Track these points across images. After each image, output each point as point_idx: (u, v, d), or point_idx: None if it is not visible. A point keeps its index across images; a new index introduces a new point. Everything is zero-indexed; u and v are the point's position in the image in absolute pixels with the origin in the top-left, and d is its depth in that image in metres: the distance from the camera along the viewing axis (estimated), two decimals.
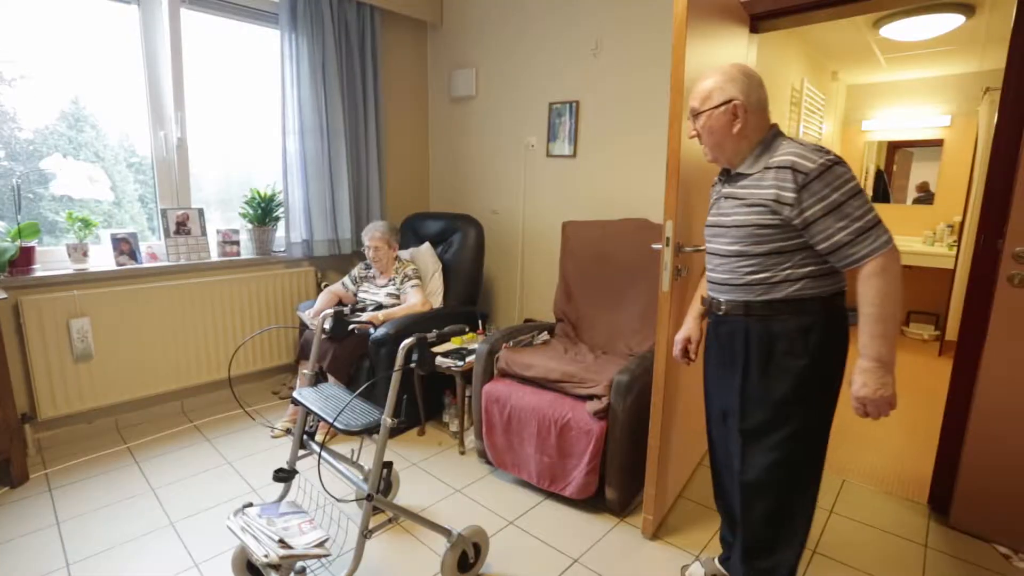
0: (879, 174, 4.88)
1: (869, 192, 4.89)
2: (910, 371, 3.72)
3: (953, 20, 3.05)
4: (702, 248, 1.85)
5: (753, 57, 2.47)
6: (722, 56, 2.03)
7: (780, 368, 1.28)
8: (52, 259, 2.48)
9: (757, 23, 2.39)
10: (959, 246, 3.74)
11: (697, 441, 2.37)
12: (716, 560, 1.65)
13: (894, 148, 4.79)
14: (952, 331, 3.75)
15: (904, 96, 4.61)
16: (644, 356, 2.10)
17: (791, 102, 3.64)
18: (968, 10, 3.00)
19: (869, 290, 1.15)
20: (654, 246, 2.14)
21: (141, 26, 2.61)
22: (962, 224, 3.67)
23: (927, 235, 4.55)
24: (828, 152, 1.18)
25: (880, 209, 4.57)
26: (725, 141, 1.31)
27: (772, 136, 1.29)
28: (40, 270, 2.40)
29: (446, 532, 1.60)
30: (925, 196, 4.71)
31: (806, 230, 1.20)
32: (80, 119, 2.63)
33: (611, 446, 1.92)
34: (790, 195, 1.18)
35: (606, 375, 2.01)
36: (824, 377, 1.28)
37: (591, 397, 1.98)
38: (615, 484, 1.95)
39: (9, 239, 2.30)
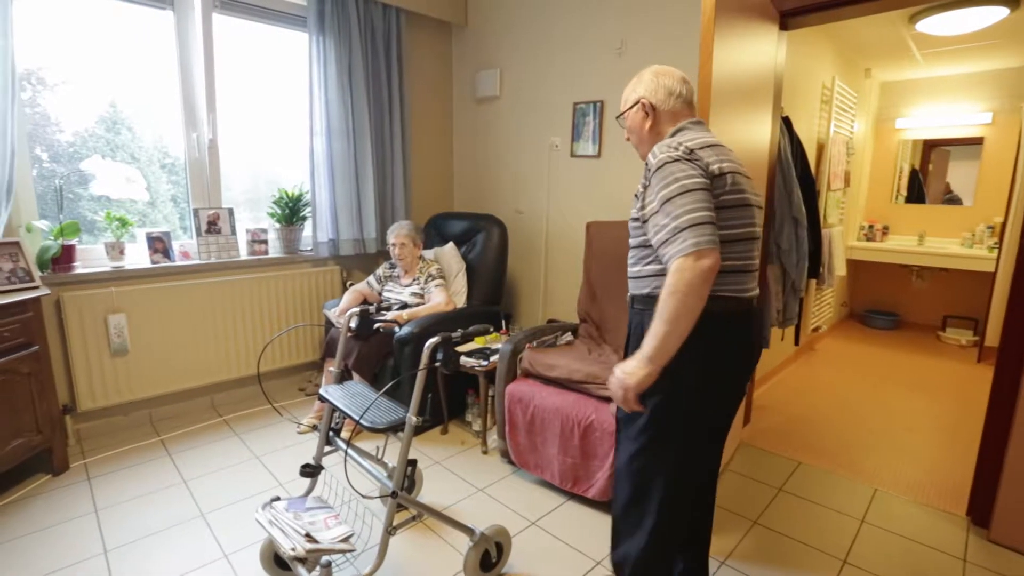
0: (913, 173, 4.74)
1: (903, 192, 4.75)
2: (947, 378, 3.60)
3: (997, 13, 2.94)
4: None
5: (782, 55, 2.42)
6: (751, 54, 2.00)
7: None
8: (91, 257, 2.57)
9: (787, 20, 2.35)
10: (1000, 248, 3.60)
11: (727, 444, 2.34)
12: None
13: (930, 147, 4.64)
14: (992, 336, 3.61)
15: (942, 93, 4.47)
16: None
17: (821, 100, 3.56)
18: (1013, 2, 2.88)
19: (663, 288, 1.10)
20: None
21: (176, 31, 2.68)
22: (1004, 225, 3.53)
23: (965, 237, 4.39)
24: (678, 148, 1.16)
25: (914, 210, 4.42)
26: (642, 137, 1.37)
27: (675, 132, 1.30)
28: (80, 267, 2.49)
29: (469, 531, 1.61)
30: (951, 197, 4.57)
31: (647, 224, 1.19)
32: (117, 122, 2.72)
33: None
34: (641, 189, 1.22)
35: None
36: (674, 379, 1.17)
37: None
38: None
39: (52, 237, 2.39)
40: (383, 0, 3.12)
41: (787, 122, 2.68)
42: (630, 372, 1.14)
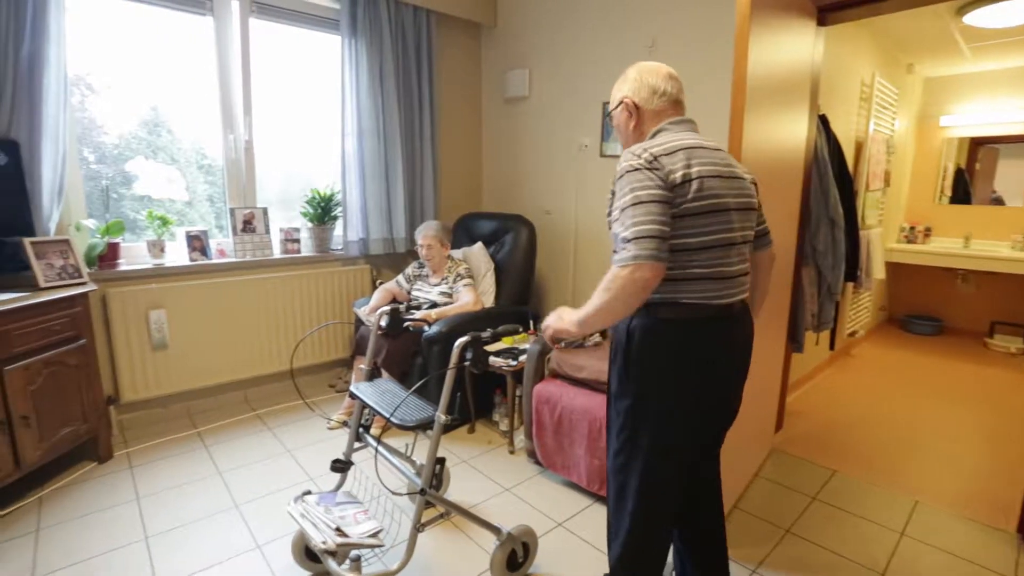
0: (959, 173, 4.55)
1: (947, 193, 4.57)
2: (993, 387, 3.45)
3: None
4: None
5: (820, 51, 2.36)
6: (787, 51, 1.95)
7: (612, 364, 1.33)
8: (134, 254, 2.67)
9: (825, 15, 2.28)
10: None
11: (754, 451, 2.29)
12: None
13: (977, 145, 4.44)
14: None
15: (991, 88, 4.27)
16: None
17: (860, 97, 3.45)
18: None
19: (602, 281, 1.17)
20: None
21: (215, 36, 2.77)
22: None
23: (1016, 240, 4.20)
24: (641, 156, 1.16)
25: (959, 211, 4.24)
26: (627, 137, 1.37)
27: (655, 132, 1.30)
28: (124, 264, 2.59)
29: (496, 530, 1.61)
30: (996, 197, 4.37)
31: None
32: (158, 124, 2.82)
33: None
34: (610, 195, 1.22)
35: None
36: (641, 380, 1.24)
37: None
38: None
39: (99, 235, 2.49)
40: (414, 2, 3.15)
41: (824, 121, 2.60)
42: (565, 322, 1.27)
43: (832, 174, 2.57)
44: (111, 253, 2.54)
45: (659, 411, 1.24)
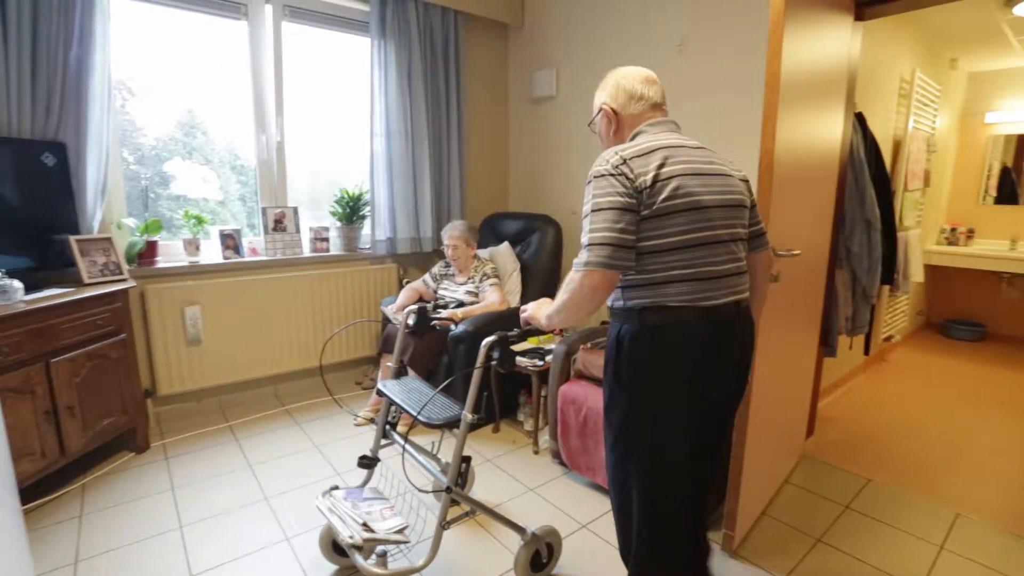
0: (1005, 171, 4.36)
1: (992, 192, 4.39)
2: None
3: None
4: (797, 252, 1.75)
5: (857, 47, 2.29)
6: (822, 47, 1.90)
7: (604, 372, 1.32)
8: (170, 252, 2.76)
9: (863, 10, 2.22)
10: None
11: (785, 456, 2.24)
12: None
13: None
14: None
15: None
16: None
17: (899, 94, 3.33)
18: None
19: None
20: None
21: (249, 39, 2.83)
22: None
23: None
24: (609, 162, 1.17)
25: (1005, 212, 4.07)
26: (608, 142, 1.38)
27: (634, 135, 1.31)
28: (161, 262, 2.68)
29: (521, 530, 1.61)
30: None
31: None
32: (193, 126, 2.90)
33: None
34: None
35: None
36: (632, 388, 1.23)
37: None
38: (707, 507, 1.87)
39: (138, 234, 2.58)
40: (442, 4, 3.17)
41: (860, 119, 2.53)
42: (540, 312, 1.34)
43: (869, 174, 2.49)
44: (149, 251, 2.62)
45: (653, 421, 1.22)
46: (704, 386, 1.22)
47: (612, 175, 1.15)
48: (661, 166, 1.16)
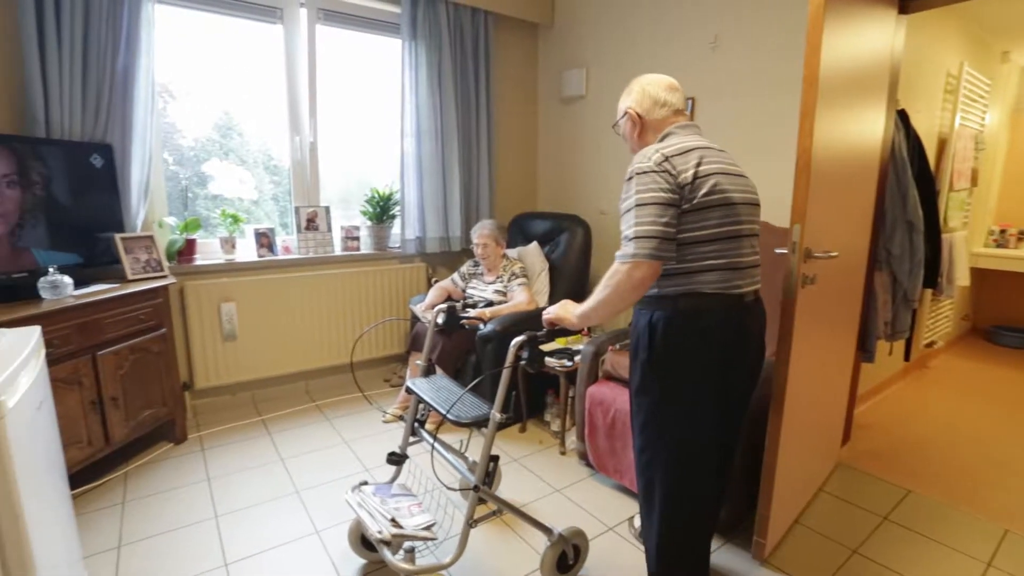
0: None
1: None
2: None
3: None
4: (834, 254, 1.70)
5: (900, 41, 2.21)
6: (864, 42, 1.83)
7: (634, 359, 1.38)
8: (208, 250, 2.84)
9: (907, 2, 2.14)
10: None
11: (819, 463, 2.18)
12: None
13: None
14: None
15: None
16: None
17: (945, 90, 3.20)
18: None
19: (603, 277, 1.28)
20: (778, 251, 1.99)
21: (284, 42, 2.90)
22: None
23: None
24: (651, 159, 1.24)
25: None
26: (633, 144, 1.46)
27: (664, 136, 1.38)
28: (199, 259, 2.76)
29: (547, 531, 1.61)
30: None
31: None
32: (230, 127, 2.99)
33: None
34: (623, 196, 1.30)
35: None
36: (665, 371, 1.30)
37: None
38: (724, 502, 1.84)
39: (178, 232, 2.67)
40: (472, 4, 3.19)
41: (903, 116, 2.43)
42: (568, 311, 1.42)
43: (911, 173, 2.40)
44: (188, 249, 2.71)
45: (685, 401, 1.30)
46: (730, 370, 1.31)
47: (655, 171, 1.23)
48: (699, 164, 1.24)
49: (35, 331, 1.39)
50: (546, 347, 2.57)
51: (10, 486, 1.03)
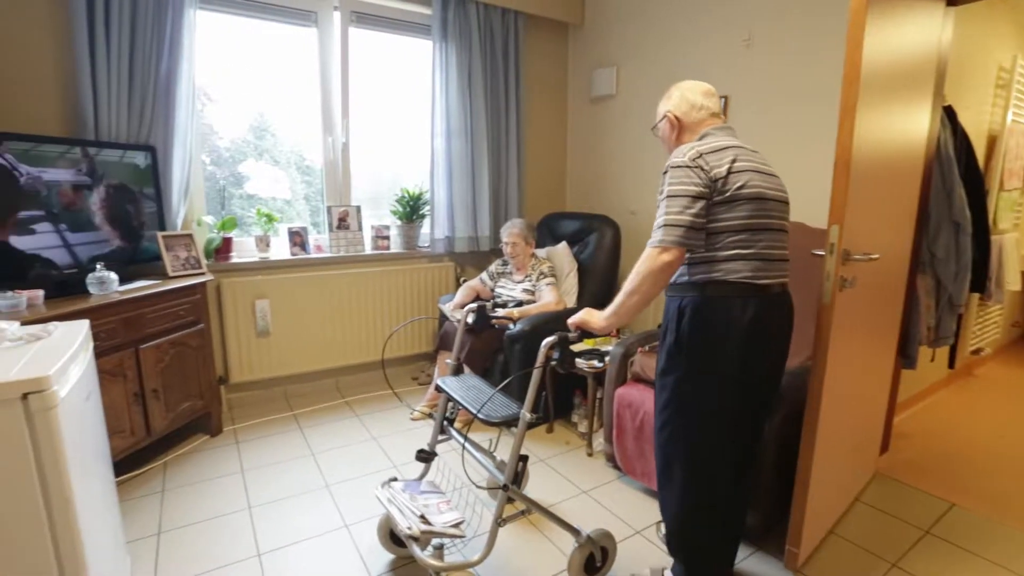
0: None
1: None
2: None
3: None
4: (875, 256, 1.64)
5: (948, 35, 2.12)
6: (908, 36, 1.77)
7: (661, 342, 1.47)
8: (243, 248, 2.92)
9: None
10: None
11: (856, 472, 2.11)
12: None
13: None
14: None
15: None
16: (794, 373, 1.91)
17: (997, 84, 3.06)
18: None
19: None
20: (815, 252, 1.94)
21: (318, 45, 2.96)
22: None
23: None
24: (686, 155, 1.32)
25: None
26: (671, 145, 1.52)
27: (702, 136, 1.45)
28: (235, 257, 2.84)
29: (575, 532, 1.60)
30: None
31: None
32: (264, 129, 3.06)
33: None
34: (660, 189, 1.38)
35: None
36: (690, 352, 1.38)
37: None
38: (755, 507, 1.80)
39: (216, 230, 2.75)
40: (502, 5, 3.20)
41: (950, 112, 2.34)
42: (596, 316, 1.47)
43: (958, 172, 2.30)
44: (225, 247, 2.79)
45: (706, 382, 1.38)
46: (752, 357, 1.36)
47: (689, 166, 1.31)
48: (734, 161, 1.33)
49: (84, 325, 1.45)
50: (575, 348, 2.56)
51: (61, 472, 1.07)
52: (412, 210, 3.24)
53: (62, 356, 1.17)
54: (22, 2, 2.18)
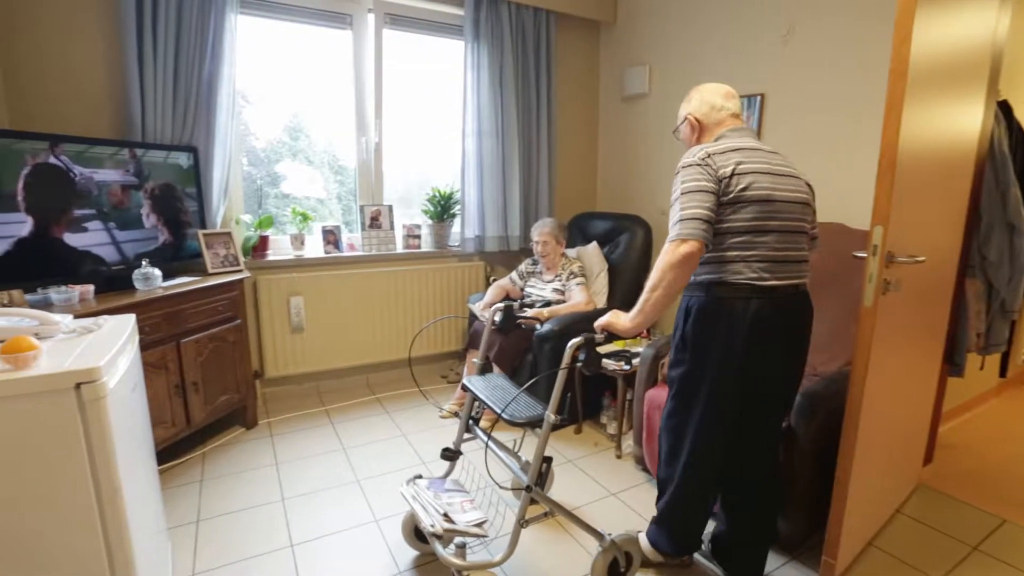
0: None
1: None
2: None
3: None
4: (921, 259, 1.57)
5: (1004, 25, 2.01)
6: (961, 28, 1.68)
7: (672, 338, 1.55)
8: (279, 246, 3.00)
9: None
10: None
11: (897, 483, 2.03)
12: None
13: None
14: None
15: None
16: (833, 378, 1.85)
17: None
18: None
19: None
20: (856, 254, 1.87)
21: (353, 47, 3.01)
22: None
23: None
24: (696, 155, 1.38)
25: None
26: (691, 146, 1.53)
27: (717, 138, 1.48)
28: (271, 255, 2.92)
29: (599, 536, 1.59)
30: None
31: None
32: (298, 129, 3.14)
33: (788, 472, 1.72)
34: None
35: None
36: (694, 350, 1.44)
37: None
38: (790, 515, 1.75)
39: (253, 229, 2.84)
40: (534, 4, 3.19)
41: (1005, 108, 2.22)
42: (622, 318, 1.49)
43: (1013, 170, 2.18)
44: (262, 245, 2.87)
45: (708, 378, 1.43)
46: (757, 356, 1.39)
47: (699, 165, 1.36)
48: (739, 163, 1.36)
49: (131, 319, 1.52)
50: (604, 349, 2.53)
51: (110, 460, 1.12)
52: (443, 209, 3.27)
53: (111, 348, 1.23)
54: (77, 15, 2.30)
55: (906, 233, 1.56)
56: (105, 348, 1.23)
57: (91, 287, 2.03)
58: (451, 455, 1.89)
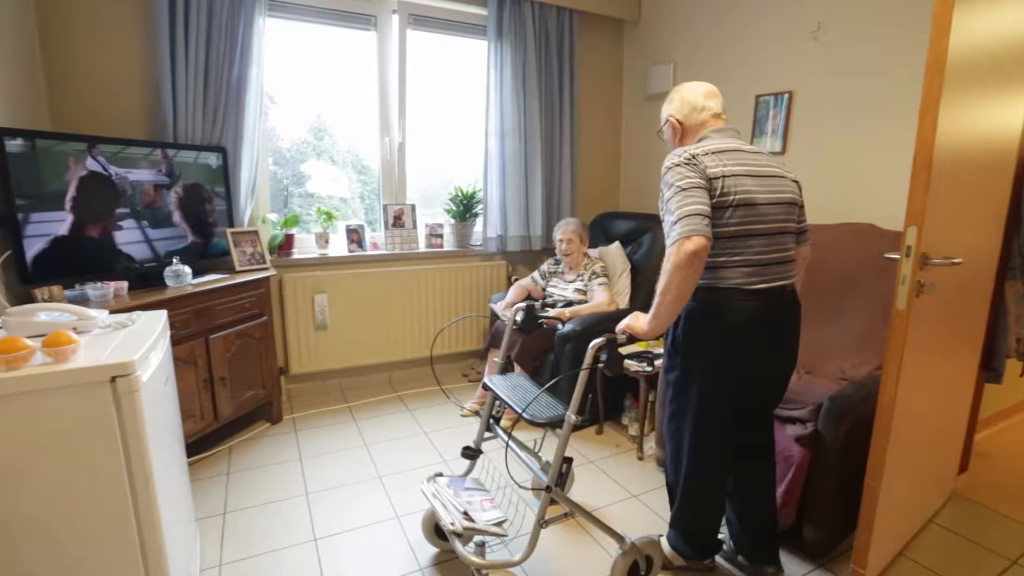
0: None
1: None
2: None
3: None
4: (957, 260, 1.52)
5: None
6: (1002, 20, 1.62)
7: (665, 341, 1.56)
8: (303, 245, 3.05)
9: None
10: None
11: (930, 492, 1.97)
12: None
13: None
14: None
15: None
16: (863, 383, 1.80)
17: None
18: None
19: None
20: (888, 255, 1.82)
21: (377, 48, 3.05)
22: None
23: None
24: (681, 155, 1.35)
25: None
26: (675, 147, 1.52)
27: (700, 139, 1.47)
28: (296, 253, 2.97)
29: (619, 538, 1.58)
30: None
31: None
32: (321, 130, 3.18)
33: (815, 478, 1.69)
34: (661, 192, 1.40)
35: (812, 397, 1.77)
36: (686, 355, 1.46)
37: (793, 420, 1.76)
38: (817, 522, 1.71)
39: (279, 227, 2.89)
40: (557, 3, 3.18)
41: None
42: (640, 320, 1.45)
43: None
44: (287, 243, 2.92)
45: (700, 382, 1.45)
46: (749, 357, 1.42)
47: (684, 164, 1.35)
48: (721, 165, 1.35)
49: (162, 315, 1.56)
50: (626, 350, 2.51)
51: (143, 451, 1.16)
52: (465, 209, 3.28)
53: (144, 343, 1.26)
54: (112, 20, 2.37)
55: (941, 234, 1.51)
56: (139, 343, 1.26)
57: (125, 284, 2.09)
58: (472, 454, 1.89)
